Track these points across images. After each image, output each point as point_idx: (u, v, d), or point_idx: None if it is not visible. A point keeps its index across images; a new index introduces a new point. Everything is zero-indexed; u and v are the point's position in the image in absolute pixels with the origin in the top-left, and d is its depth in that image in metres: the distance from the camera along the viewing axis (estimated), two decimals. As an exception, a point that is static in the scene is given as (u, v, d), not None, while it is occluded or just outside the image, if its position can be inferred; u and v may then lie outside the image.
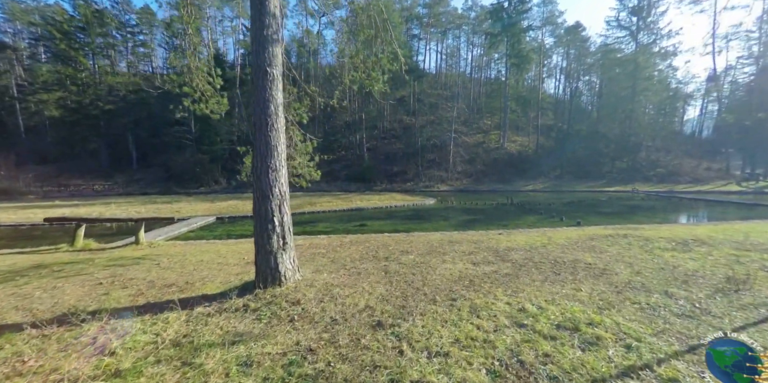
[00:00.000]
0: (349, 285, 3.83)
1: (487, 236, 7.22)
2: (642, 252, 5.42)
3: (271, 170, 3.57)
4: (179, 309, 3.08)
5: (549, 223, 10.67)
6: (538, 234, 7.45)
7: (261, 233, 3.53)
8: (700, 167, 28.83)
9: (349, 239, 7.15)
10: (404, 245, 6.35)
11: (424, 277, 4.17)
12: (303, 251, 5.92)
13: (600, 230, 8.06)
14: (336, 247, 6.30)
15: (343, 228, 10.05)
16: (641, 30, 31.48)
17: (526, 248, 5.81)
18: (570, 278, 4.05)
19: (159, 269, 4.76)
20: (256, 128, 3.60)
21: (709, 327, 2.70)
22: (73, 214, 11.51)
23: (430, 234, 7.77)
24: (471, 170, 31.74)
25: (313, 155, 6.59)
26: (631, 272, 4.28)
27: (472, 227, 10.09)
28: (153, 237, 8.09)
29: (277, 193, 3.59)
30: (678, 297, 3.39)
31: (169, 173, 32.07)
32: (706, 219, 12.28)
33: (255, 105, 3.62)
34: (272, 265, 3.54)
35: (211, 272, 4.52)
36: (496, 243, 6.36)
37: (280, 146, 3.68)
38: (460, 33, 49.58)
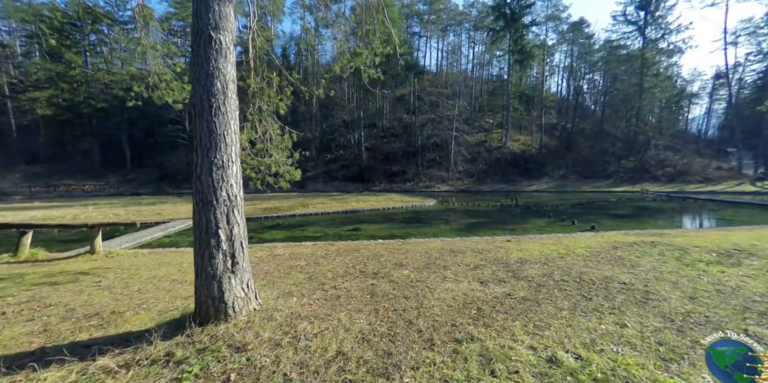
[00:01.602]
0: (321, 316, 2.95)
1: (494, 244, 6.33)
2: (682, 266, 4.52)
3: (216, 167, 2.70)
4: (76, 361, 2.21)
5: (560, 227, 9.76)
6: (552, 242, 6.55)
7: (201, 251, 2.66)
8: (711, 167, 27.84)
9: (337, 248, 6.27)
10: (399, 255, 5.47)
11: (419, 303, 3.29)
12: (279, 264, 5.04)
13: (621, 236, 7.17)
14: (319, 258, 5.43)
15: (335, 233, 9.18)
16: (649, 25, 30.51)
17: (541, 261, 4.92)
18: (606, 306, 3.16)
19: (95, 289, 3.89)
20: (196, 112, 2.73)
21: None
22: (44, 217, 10.67)
23: (429, 241, 6.89)
24: (473, 170, 30.84)
25: (292, 151, 5.71)
26: (681, 296, 3.39)
27: (476, 231, 9.21)
28: (120, 244, 7.24)
29: (224, 197, 2.71)
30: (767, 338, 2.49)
31: (162, 173, 31.28)
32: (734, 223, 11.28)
33: (195, 81, 2.74)
34: (215, 294, 2.66)
35: (156, 294, 3.65)
36: (505, 253, 5.47)
37: (230, 136, 2.80)
38: (461, 30, 48.68)
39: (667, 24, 30.06)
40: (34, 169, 31.86)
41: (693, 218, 12.51)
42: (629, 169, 29.48)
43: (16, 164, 30.96)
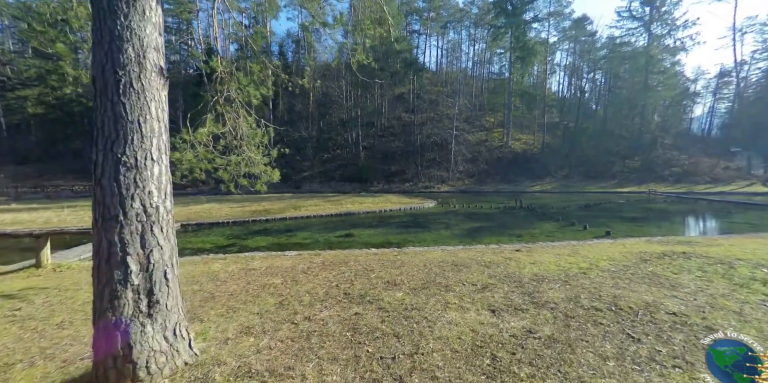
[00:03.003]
0: (280, 372, 2.16)
1: (502, 255, 5.54)
2: (735, 287, 3.74)
3: (126, 168, 1.90)
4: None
5: (571, 233, 8.98)
6: (568, 252, 5.76)
7: (100, 288, 1.87)
8: (718, 167, 27.06)
9: (323, 260, 5.48)
10: (392, 270, 4.68)
11: (414, 345, 2.50)
12: (251, 282, 4.25)
13: (644, 245, 6.38)
14: (300, 273, 4.63)
15: (325, 239, 8.38)
16: (654, 21, 29.70)
17: (561, 278, 4.13)
18: (664, 353, 2.36)
19: (6, 321, 3.10)
20: (97, 89, 1.93)
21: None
22: (13, 221, 9.87)
23: (428, 251, 6.09)
24: (473, 170, 30.05)
25: (269, 147, 4.92)
26: (758, 335, 2.60)
27: (480, 238, 8.42)
28: (80, 254, 6.45)
29: (137, 211, 1.91)
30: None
31: (155, 173, 30.48)
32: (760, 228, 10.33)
33: (95, 45, 1.95)
34: (118, 350, 1.86)
35: (78, 330, 2.85)
36: (516, 267, 4.68)
37: (149, 125, 2.00)
38: (461, 28, 47.86)
39: (673, 20, 29.27)
40: (24, 169, 31.04)
41: (712, 221, 11.72)
42: (634, 169, 28.71)
43: (6, 164, 30.14)
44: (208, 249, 7.53)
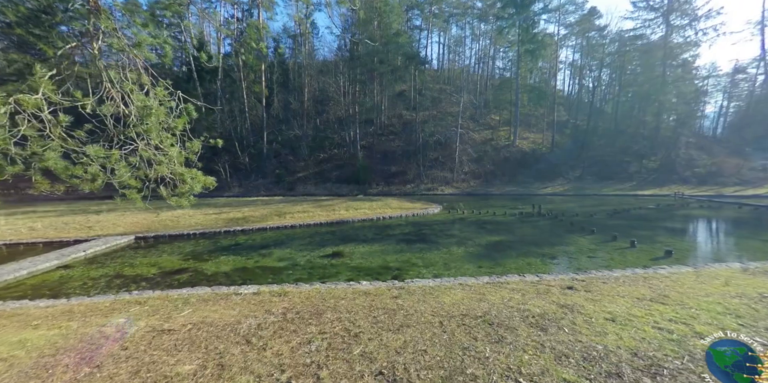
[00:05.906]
0: None
1: (552, 298, 3.71)
2: None
3: None
4: None
5: (617, 252, 7.09)
6: (648, 291, 3.93)
7: None
8: (744, 167, 25.08)
9: (286, 307, 3.64)
10: (390, 337, 2.85)
11: None
12: (146, 365, 2.42)
13: (745, 276, 4.55)
14: (237, 345, 2.80)
15: (306, 261, 6.54)
16: (674, 11, 27.74)
17: (685, 365, 2.28)
18: None
19: None
20: None
21: None
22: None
23: (440, 288, 4.25)
24: (479, 171, 28.16)
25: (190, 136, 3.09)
26: None
27: (503, 259, 6.56)
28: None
29: None
30: None
31: (140, 174, 28.69)
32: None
33: None
34: None
35: None
36: (590, 331, 2.85)
37: None
38: (464, 23, 45.97)
39: (694, 9, 27.30)
40: (3, 169, 29.30)
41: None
42: (652, 170, 26.75)
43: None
44: (149, 278, 5.69)
